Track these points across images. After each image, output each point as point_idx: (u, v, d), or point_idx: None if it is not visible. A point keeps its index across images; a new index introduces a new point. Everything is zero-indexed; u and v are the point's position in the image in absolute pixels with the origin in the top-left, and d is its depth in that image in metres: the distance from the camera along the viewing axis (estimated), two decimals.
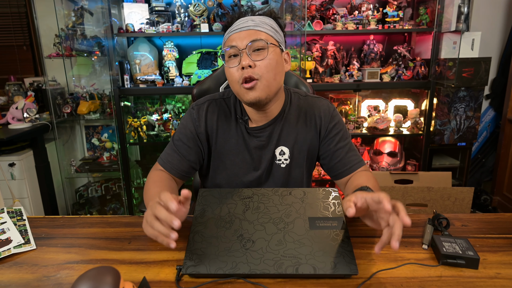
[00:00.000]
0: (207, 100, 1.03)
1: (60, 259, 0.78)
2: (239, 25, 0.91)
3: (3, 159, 2.19)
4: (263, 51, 0.90)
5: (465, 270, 0.71)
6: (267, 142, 1.01)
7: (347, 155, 1.00)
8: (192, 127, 1.00)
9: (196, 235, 0.76)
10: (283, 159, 1.02)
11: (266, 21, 0.92)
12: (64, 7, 2.43)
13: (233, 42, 0.90)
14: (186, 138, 1.00)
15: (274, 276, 0.68)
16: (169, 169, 1.00)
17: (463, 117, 2.42)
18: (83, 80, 2.65)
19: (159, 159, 1.03)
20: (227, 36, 0.94)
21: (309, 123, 1.02)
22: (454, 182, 2.51)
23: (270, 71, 0.90)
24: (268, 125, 0.99)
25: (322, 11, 2.40)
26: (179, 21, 2.33)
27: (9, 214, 0.96)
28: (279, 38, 0.95)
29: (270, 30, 0.92)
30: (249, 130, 1.00)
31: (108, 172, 2.56)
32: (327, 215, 0.80)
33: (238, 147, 1.01)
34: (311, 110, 1.02)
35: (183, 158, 1.00)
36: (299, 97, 1.05)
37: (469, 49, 2.31)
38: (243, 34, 0.90)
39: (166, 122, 2.48)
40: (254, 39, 0.89)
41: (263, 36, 0.90)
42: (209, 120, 1.00)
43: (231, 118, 1.02)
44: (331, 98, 2.61)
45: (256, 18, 0.92)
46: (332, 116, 1.02)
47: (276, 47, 0.93)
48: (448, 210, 2.08)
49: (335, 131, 1.01)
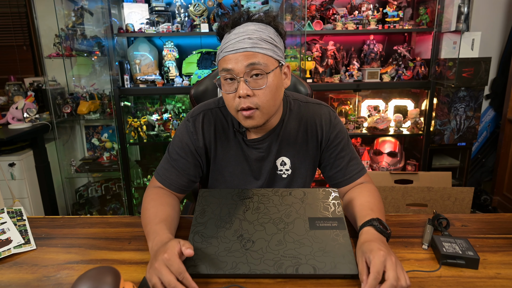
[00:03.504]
0: (202, 111, 0.97)
1: (60, 259, 0.78)
2: (235, 45, 0.82)
3: (3, 159, 2.19)
4: (262, 77, 0.83)
5: (465, 270, 0.71)
6: (267, 153, 0.97)
7: (348, 165, 0.97)
8: (190, 141, 0.95)
9: (196, 235, 0.76)
10: (285, 170, 0.99)
11: (264, 36, 0.83)
12: (64, 7, 2.43)
13: (228, 65, 0.82)
14: (183, 152, 0.95)
15: (274, 276, 0.68)
16: (168, 185, 0.94)
17: (463, 117, 2.42)
18: (83, 80, 2.65)
19: (156, 174, 0.96)
20: (221, 54, 0.85)
21: (310, 133, 0.98)
22: (454, 182, 2.51)
23: (270, 100, 0.85)
24: (266, 136, 0.96)
25: (322, 11, 2.40)
26: (179, 21, 2.33)
27: (9, 214, 0.96)
28: (279, 54, 0.87)
29: (269, 49, 0.83)
30: (247, 142, 0.96)
31: (108, 172, 2.56)
32: (327, 215, 0.80)
33: (237, 158, 0.98)
34: (312, 119, 0.98)
35: (182, 173, 0.94)
36: (299, 104, 1.00)
37: (469, 49, 2.31)
38: (239, 56, 0.81)
39: (166, 122, 2.48)
40: (251, 63, 0.81)
41: (261, 59, 0.82)
42: (206, 133, 0.96)
43: (228, 129, 0.97)
44: (331, 98, 2.61)
45: (253, 32, 0.82)
46: (333, 125, 0.98)
47: (276, 69, 0.85)
48: (448, 210, 2.08)
49: (337, 140, 0.98)
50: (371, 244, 0.68)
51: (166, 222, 0.80)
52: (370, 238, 0.73)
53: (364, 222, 0.78)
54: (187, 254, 0.66)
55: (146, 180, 2.64)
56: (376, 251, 0.66)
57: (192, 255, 0.66)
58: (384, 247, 0.68)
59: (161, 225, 0.78)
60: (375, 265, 0.63)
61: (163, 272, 0.63)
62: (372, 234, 0.74)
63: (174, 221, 0.84)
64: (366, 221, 0.78)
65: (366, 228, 0.76)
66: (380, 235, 0.74)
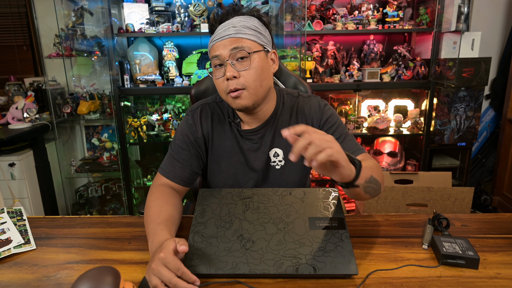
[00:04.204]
0: (200, 105, 1.03)
1: (60, 259, 0.78)
2: (221, 33, 0.89)
3: (3, 159, 2.19)
4: (246, 59, 0.89)
5: (465, 270, 0.71)
6: (260, 145, 1.01)
7: (344, 144, 0.95)
8: (190, 133, 1.00)
9: (196, 235, 0.76)
10: (277, 161, 1.01)
11: (248, 24, 0.90)
12: (64, 7, 2.43)
13: (216, 52, 0.90)
14: (185, 144, 0.99)
15: (274, 276, 0.68)
16: (172, 178, 0.97)
17: (463, 117, 2.42)
18: (83, 80, 2.65)
19: (160, 169, 0.99)
20: (210, 44, 0.93)
21: (301, 123, 1.00)
22: (454, 182, 2.51)
23: (256, 79, 0.89)
24: (260, 127, 0.99)
25: (322, 11, 2.40)
26: (179, 21, 2.33)
27: (9, 214, 0.96)
28: (264, 40, 0.93)
29: (252, 34, 0.90)
30: (241, 132, 1.00)
31: (108, 172, 2.56)
32: (327, 215, 0.80)
33: (233, 149, 1.01)
34: (302, 109, 1.01)
35: (185, 165, 0.98)
36: (292, 98, 1.04)
37: (469, 49, 2.31)
38: (225, 42, 0.88)
39: (166, 122, 2.48)
40: (236, 47, 0.87)
41: (245, 43, 0.88)
42: (204, 124, 1.01)
43: (224, 120, 1.02)
44: (331, 98, 2.61)
45: (238, 22, 0.90)
46: (323, 111, 1.00)
47: (261, 52, 0.91)
48: (448, 210, 2.08)
49: (329, 124, 0.99)
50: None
51: (168, 223, 0.80)
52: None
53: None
54: (181, 250, 0.66)
55: (146, 180, 2.64)
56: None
57: (186, 251, 0.67)
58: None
59: (161, 226, 0.78)
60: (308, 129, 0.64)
61: (161, 271, 0.63)
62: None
63: (176, 221, 0.85)
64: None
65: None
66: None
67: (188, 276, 0.64)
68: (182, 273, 0.64)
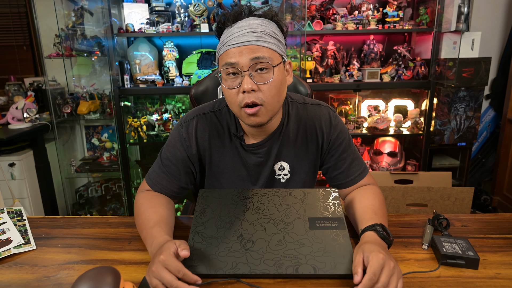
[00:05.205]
0: (196, 116, 0.93)
1: (60, 259, 0.78)
2: (238, 38, 0.79)
3: (3, 159, 2.19)
4: (268, 72, 0.80)
5: (465, 270, 0.71)
6: (266, 159, 0.94)
7: (350, 166, 0.95)
8: (182, 148, 0.92)
9: (196, 236, 0.76)
10: (283, 174, 0.96)
11: (267, 30, 0.81)
12: (64, 7, 2.43)
13: (232, 59, 0.79)
14: (174, 158, 0.92)
15: (274, 277, 0.68)
16: (158, 190, 0.92)
17: (463, 117, 2.42)
18: (83, 80, 2.65)
19: (147, 178, 0.94)
20: (223, 48, 0.81)
21: (310, 136, 0.95)
22: (454, 182, 2.51)
23: (275, 95, 0.82)
24: (266, 140, 0.92)
25: (322, 11, 2.40)
26: (179, 21, 2.33)
27: (9, 214, 0.96)
28: (282, 48, 0.84)
29: (273, 43, 0.81)
30: (245, 147, 0.93)
31: (108, 172, 2.56)
32: (327, 215, 0.80)
33: (234, 164, 0.94)
34: (311, 122, 0.95)
35: (172, 179, 0.92)
36: (297, 107, 0.96)
37: (469, 49, 2.31)
38: (243, 49, 0.78)
39: (166, 122, 2.48)
40: (257, 57, 0.78)
41: (266, 53, 0.79)
42: (200, 139, 0.92)
43: (224, 134, 0.93)
44: (331, 98, 2.61)
45: (257, 26, 0.80)
46: (333, 126, 0.95)
47: (281, 64, 0.83)
48: (448, 210, 2.08)
49: (338, 142, 0.95)
50: (372, 246, 0.67)
51: (161, 224, 0.79)
52: (372, 241, 0.71)
53: (367, 226, 0.76)
54: (183, 255, 0.66)
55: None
56: (376, 252, 0.64)
57: (188, 256, 0.66)
58: (384, 251, 0.66)
59: (156, 228, 0.77)
60: (373, 266, 0.62)
61: (162, 274, 0.63)
62: (374, 239, 0.72)
63: (169, 220, 0.83)
64: (369, 225, 0.76)
65: (369, 233, 0.74)
66: (382, 241, 0.72)
67: (189, 277, 0.64)
68: (183, 275, 0.63)
